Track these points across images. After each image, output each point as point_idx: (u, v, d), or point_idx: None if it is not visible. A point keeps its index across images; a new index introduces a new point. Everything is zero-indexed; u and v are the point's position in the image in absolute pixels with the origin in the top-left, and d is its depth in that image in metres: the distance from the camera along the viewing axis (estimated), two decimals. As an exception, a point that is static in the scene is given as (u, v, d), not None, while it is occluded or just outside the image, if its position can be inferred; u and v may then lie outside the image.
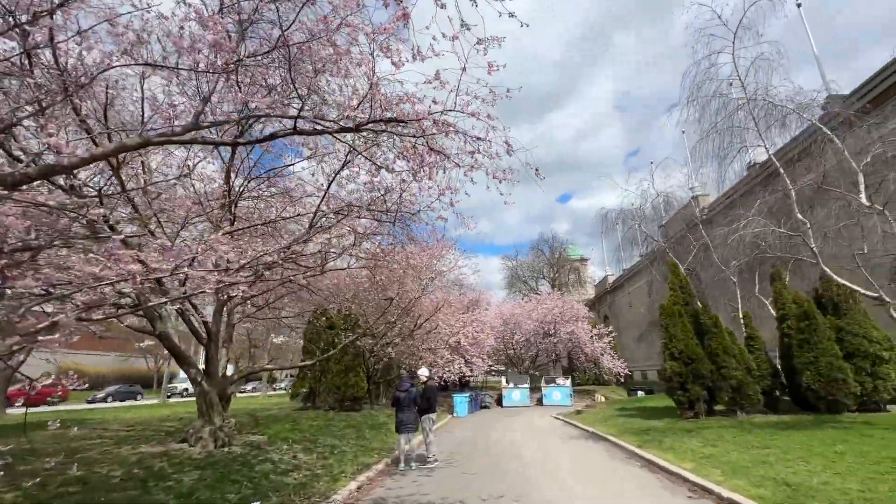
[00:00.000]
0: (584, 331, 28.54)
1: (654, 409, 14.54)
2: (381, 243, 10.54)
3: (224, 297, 7.92)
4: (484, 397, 25.70)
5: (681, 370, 11.74)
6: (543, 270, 45.73)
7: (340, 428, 11.72)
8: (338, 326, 15.70)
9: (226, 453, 7.46)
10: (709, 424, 10.61)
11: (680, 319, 12.32)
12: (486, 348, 25.82)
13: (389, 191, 7.70)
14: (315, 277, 12.93)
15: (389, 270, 11.52)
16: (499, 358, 30.89)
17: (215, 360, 7.96)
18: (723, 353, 11.66)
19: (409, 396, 8.94)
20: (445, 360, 21.76)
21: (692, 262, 18.07)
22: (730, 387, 11.34)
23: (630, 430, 11.48)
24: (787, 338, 11.65)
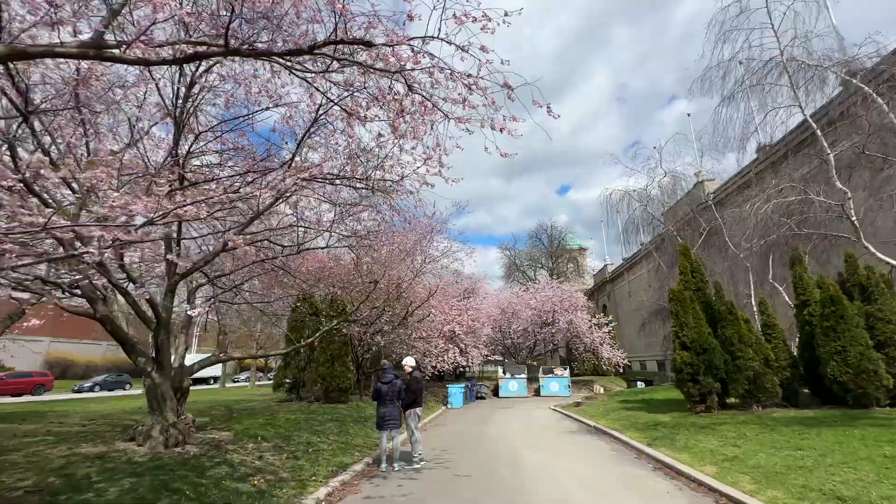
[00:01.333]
0: (583, 320, 27.54)
1: (660, 401, 13.55)
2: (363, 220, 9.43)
3: (175, 277, 6.79)
4: (480, 388, 24.75)
5: (692, 361, 10.69)
6: (542, 260, 44.68)
7: (322, 422, 10.67)
8: (323, 313, 14.61)
9: (177, 455, 6.39)
10: (723, 420, 9.58)
11: (691, 306, 11.24)
12: (482, 338, 24.81)
13: (366, 151, 6.57)
14: (295, 261, 11.85)
15: (374, 251, 10.40)
16: (495, 348, 29.92)
17: (166, 348, 6.85)
18: (738, 342, 10.60)
19: (392, 389, 7.88)
20: (440, 350, 20.78)
21: (698, 249, 17.04)
22: (746, 379, 10.30)
23: (636, 425, 10.47)
24: (809, 326, 10.58)
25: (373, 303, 12.07)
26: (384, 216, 9.14)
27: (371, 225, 9.38)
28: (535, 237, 44.18)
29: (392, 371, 8.13)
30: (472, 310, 23.02)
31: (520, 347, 30.45)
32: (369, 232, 9.15)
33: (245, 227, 7.15)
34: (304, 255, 11.93)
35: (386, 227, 9.43)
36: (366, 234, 9.17)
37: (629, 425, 10.67)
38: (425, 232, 11.65)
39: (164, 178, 5.28)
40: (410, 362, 8.40)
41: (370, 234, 9.17)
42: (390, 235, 9.68)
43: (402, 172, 7.23)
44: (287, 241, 9.35)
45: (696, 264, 12.26)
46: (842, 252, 11.02)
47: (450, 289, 25.08)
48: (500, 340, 30.05)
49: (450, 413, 17.58)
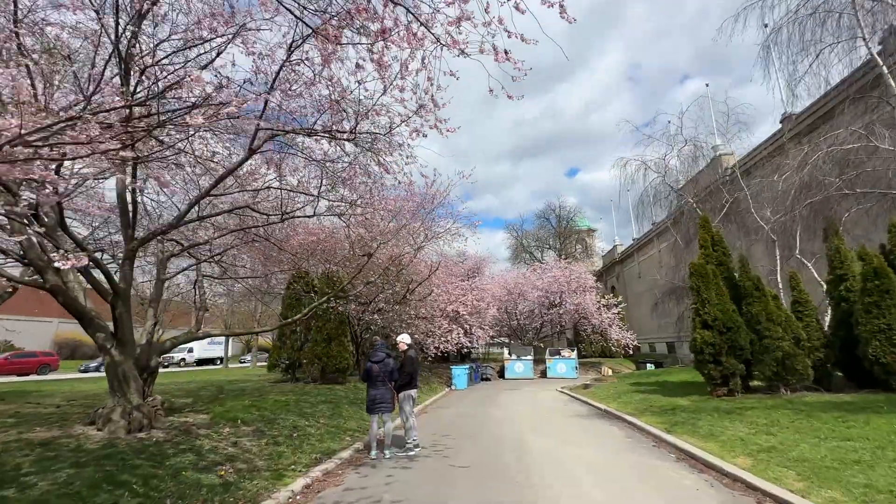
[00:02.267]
0: (592, 301, 26.60)
1: (676, 384, 12.66)
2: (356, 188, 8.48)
3: (133, 243, 5.93)
4: (485, 369, 24.07)
5: (714, 340, 9.74)
6: (549, 241, 43.54)
7: (314, 403, 9.94)
8: (318, 291, 13.82)
9: (136, 441, 5.63)
10: (749, 404, 8.66)
11: (714, 281, 10.24)
12: (487, 318, 24.00)
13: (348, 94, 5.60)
14: (283, 233, 10.98)
15: (367, 220, 9.49)
16: (501, 329, 29.16)
17: (127, 323, 6.04)
18: (766, 320, 9.62)
19: (384, 369, 7.05)
20: (444, 330, 20.02)
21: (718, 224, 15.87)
22: (773, 360, 9.34)
23: (651, 409, 9.60)
24: (845, 302, 9.57)
25: (366, 277, 11.20)
26: (375, 179, 8.19)
27: (363, 191, 8.45)
28: (542, 217, 43.01)
29: (384, 349, 7.29)
30: (476, 290, 22.17)
31: (526, 329, 29.66)
32: (360, 197, 8.22)
33: (215, 185, 6.26)
34: (293, 227, 11.10)
35: (379, 194, 8.47)
36: (356, 199, 8.24)
37: (644, 409, 9.81)
38: (424, 202, 10.68)
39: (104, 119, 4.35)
40: (406, 339, 7.55)
41: (361, 200, 8.23)
42: (384, 203, 8.74)
43: (390, 122, 6.29)
44: (272, 210, 8.49)
45: (718, 237, 11.19)
46: (887, 221, 9.90)
47: (454, 268, 24.23)
48: (506, 321, 29.26)
49: (453, 395, 16.88)
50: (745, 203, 13.01)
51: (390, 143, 6.75)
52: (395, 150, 6.79)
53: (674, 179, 14.67)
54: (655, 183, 14.99)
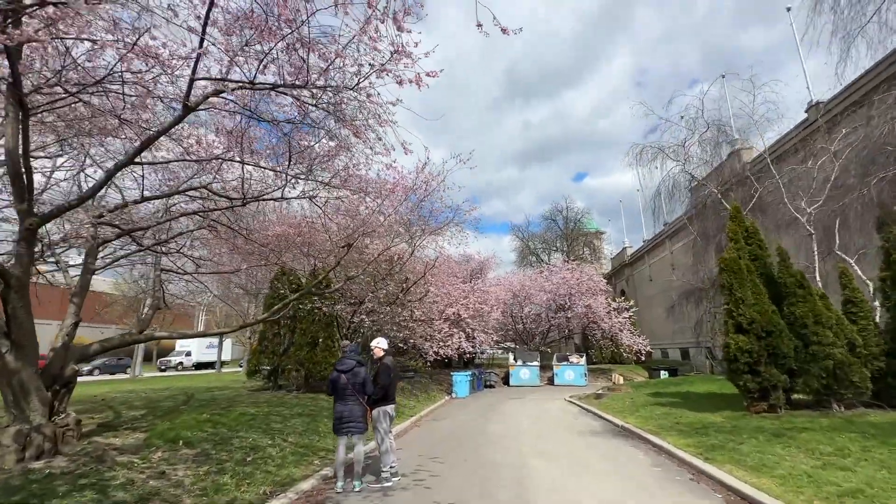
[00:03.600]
0: (602, 304, 25.01)
1: (701, 396, 11.11)
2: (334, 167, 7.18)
3: (32, 220, 4.64)
4: (489, 376, 22.58)
5: (751, 347, 8.23)
6: (556, 243, 41.95)
7: (287, 417, 8.58)
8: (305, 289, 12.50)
9: (22, 473, 4.31)
10: (799, 423, 7.15)
11: (749, 277, 8.74)
12: (490, 322, 22.55)
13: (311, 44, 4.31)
14: (259, 223, 9.70)
15: (347, 207, 8.16)
16: (506, 333, 27.64)
17: (24, 321, 4.73)
18: (814, 323, 8.10)
19: (354, 380, 5.67)
20: (444, 334, 18.62)
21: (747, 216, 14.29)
22: (823, 370, 7.82)
23: (678, 427, 8.10)
24: (909, 302, 8.03)
25: (347, 272, 9.84)
26: (352, 155, 6.86)
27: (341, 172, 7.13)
28: (549, 219, 41.40)
29: (355, 355, 5.91)
30: (479, 292, 20.74)
31: (532, 333, 28.11)
32: (333, 176, 6.89)
33: (140, 150, 4.96)
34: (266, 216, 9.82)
35: (357, 173, 7.12)
36: (329, 179, 6.93)
37: (669, 427, 8.31)
38: (415, 187, 9.32)
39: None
40: (381, 344, 6.17)
41: (335, 181, 6.91)
42: (363, 185, 7.40)
43: (360, 72, 4.97)
44: (233, 193, 7.20)
45: (753, 228, 9.69)
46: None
47: (456, 268, 22.85)
48: (511, 325, 27.75)
49: (452, 404, 15.44)
50: (775, 194, 11.50)
51: (360, 103, 5.43)
52: (368, 111, 5.48)
53: (694, 168, 13.21)
54: (674, 173, 13.53)
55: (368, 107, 5.46)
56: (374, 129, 5.71)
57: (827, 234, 11.46)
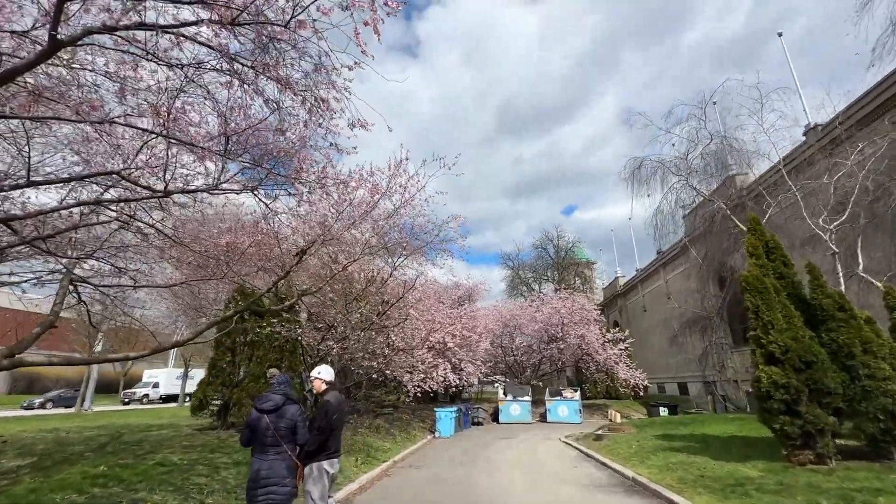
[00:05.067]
0: (595, 335, 23.41)
1: (721, 440, 9.44)
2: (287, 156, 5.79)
3: None
4: (477, 412, 20.59)
5: (788, 381, 6.72)
6: (547, 272, 40.61)
7: (219, 467, 6.75)
8: (268, 310, 10.82)
9: None
10: (864, 479, 5.57)
11: (778, 298, 7.34)
12: (479, 352, 20.78)
13: None
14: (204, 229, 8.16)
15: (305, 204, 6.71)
16: (495, 365, 25.75)
17: None
18: (862, 352, 6.66)
19: (279, 422, 4.02)
20: (428, 365, 16.83)
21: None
22: (881, 409, 6.31)
23: (703, 483, 6.44)
24: (972, 328, 6.65)
25: (295, 286, 8.23)
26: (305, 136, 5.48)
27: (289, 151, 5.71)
28: (540, 248, 40.19)
29: (285, 388, 4.28)
30: (466, 317, 19.10)
31: (523, 366, 26.25)
32: (282, 155, 5.47)
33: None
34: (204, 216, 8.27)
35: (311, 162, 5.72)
36: (274, 163, 5.51)
37: (692, 481, 6.64)
38: (389, 190, 7.92)
39: None
40: (324, 374, 4.55)
41: (283, 158, 5.49)
42: (321, 176, 5.99)
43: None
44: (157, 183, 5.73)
45: (774, 242, 8.37)
46: None
47: (443, 294, 21.27)
48: (501, 357, 25.90)
49: (434, 445, 13.51)
50: (789, 210, 10.32)
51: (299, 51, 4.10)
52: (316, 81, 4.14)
53: (698, 182, 11.99)
54: (676, 188, 12.33)
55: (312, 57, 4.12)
56: (316, 89, 4.36)
57: (847, 254, 10.23)
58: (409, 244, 11.78)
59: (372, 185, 7.13)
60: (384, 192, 7.72)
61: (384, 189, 7.76)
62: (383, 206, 8.55)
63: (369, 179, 7.15)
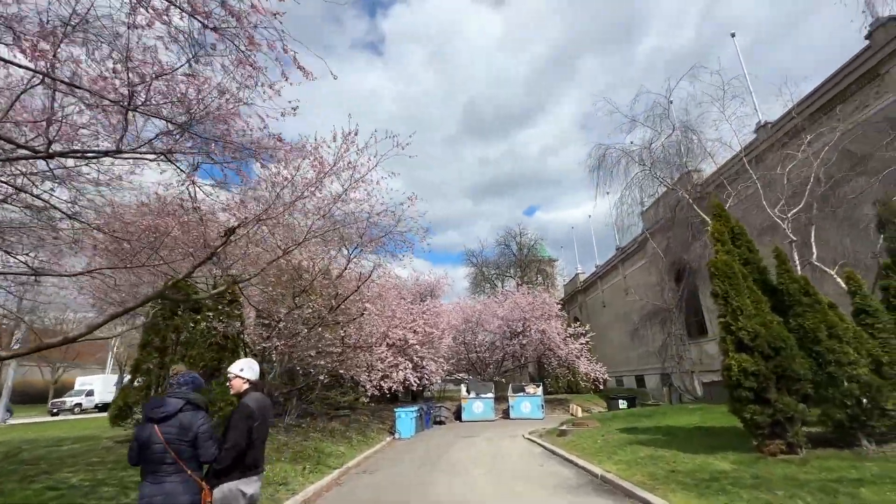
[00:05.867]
0: (557, 329, 23.31)
1: (687, 431, 9.19)
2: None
3: None
4: (439, 411, 19.84)
5: (758, 368, 6.43)
6: (510, 270, 40.55)
7: (131, 487, 5.64)
8: (205, 307, 9.61)
9: None
10: (839, 468, 5.30)
11: (746, 284, 7.07)
12: (441, 349, 20.11)
13: None
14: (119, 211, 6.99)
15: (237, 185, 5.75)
16: (458, 363, 25.17)
17: None
18: (828, 337, 6.46)
19: (177, 436, 3.10)
20: (388, 364, 15.98)
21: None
22: (848, 395, 6.11)
23: (676, 478, 6.02)
24: (931, 311, 6.60)
25: (221, 264, 7.14)
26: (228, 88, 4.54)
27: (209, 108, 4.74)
28: (503, 245, 40.08)
29: (187, 390, 3.36)
30: (428, 313, 18.35)
31: (486, 362, 25.80)
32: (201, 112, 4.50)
33: None
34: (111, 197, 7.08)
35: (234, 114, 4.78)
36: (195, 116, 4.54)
37: (664, 476, 6.21)
38: (338, 166, 7.03)
39: None
40: (243, 371, 3.66)
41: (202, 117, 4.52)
42: (252, 143, 5.05)
43: None
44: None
45: (740, 228, 8.17)
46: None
47: (403, 290, 20.43)
48: (464, 354, 25.33)
49: (393, 447, 12.66)
50: (751, 199, 10.28)
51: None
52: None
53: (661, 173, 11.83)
54: (640, 178, 12.16)
55: None
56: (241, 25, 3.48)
57: (801, 243, 10.31)
58: (367, 233, 10.90)
59: (316, 158, 6.21)
60: (331, 168, 6.82)
61: (330, 166, 6.86)
62: (332, 188, 7.66)
63: (313, 153, 6.24)
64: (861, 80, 12.47)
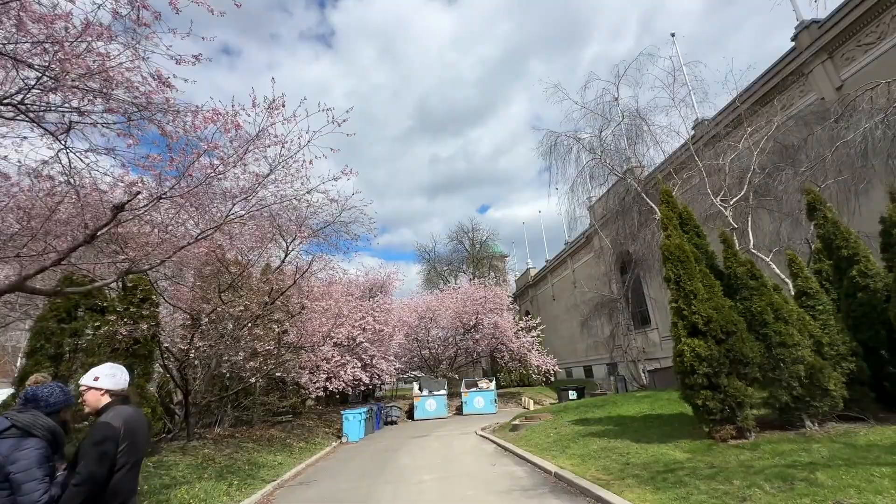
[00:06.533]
0: (509, 322, 23.22)
1: (637, 420, 9.05)
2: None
3: None
4: (390, 410, 19.03)
5: (709, 353, 6.27)
6: (463, 266, 40.31)
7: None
8: (111, 308, 8.23)
9: None
10: (791, 452, 5.16)
11: (699, 267, 6.93)
12: (392, 347, 19.31)
13: None
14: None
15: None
16: (411, 360, 24.47)
17: None
18: (774, 319, 6.42)
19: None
20: (335, 363, 14.94)
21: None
22: (794, 377, 6.08)
23: (631, 472, 5.70)
24: (864, 292, 6.74)
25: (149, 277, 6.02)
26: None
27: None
28: (456, 241, 39.77)
29: (28, 408, 2.45)
30: (378, 310, 17.48)
31: (439, 358, 25.27)
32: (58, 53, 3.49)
33: None
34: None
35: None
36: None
37: (619, 470, 5.88)
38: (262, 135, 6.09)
39: None
40: (104, 382, 2.76)
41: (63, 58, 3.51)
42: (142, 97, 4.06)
43: None
44: None
45: (688, 214, 8.09)
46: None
47: (352, 283, 19.41)
48: (417, 351, 24.65)
49: (339, 452, 11.76)
50: (696, 188, 10.39)
51: None
52: None
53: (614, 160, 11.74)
54: (591, 166, 12.02)
55: None
56: None
57: (742, 232, 10.56)
58: (306, 223, 9.94)
59: (227, 124, 5.24)
60: (252, 139, 5.86)
61: (252, 138, 5.89)
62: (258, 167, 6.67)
63: (228, 118, 5.27)
64: (787, 80, 13.13)
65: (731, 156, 10.68)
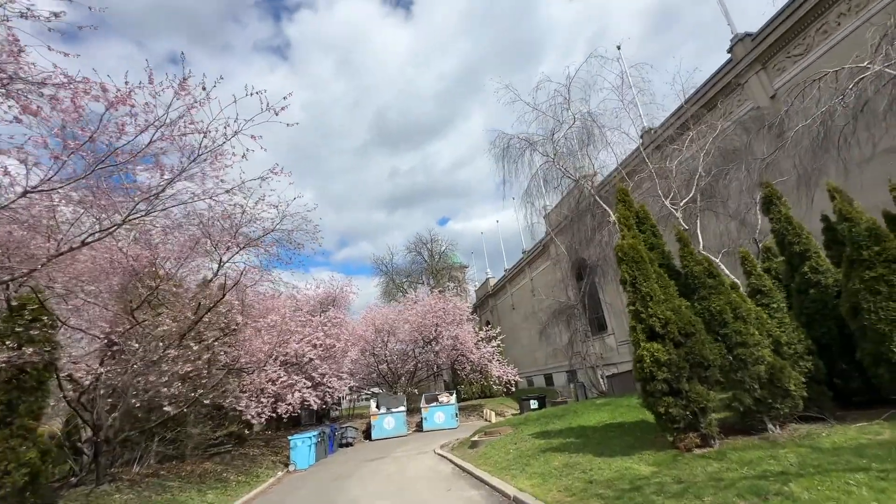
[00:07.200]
0: (469, 333, 22.61)
1: (598, 431, 8.60)
2: None
3: None
4: (346, 431, 17.79)
5: (669, 358, 5.90)
6: (422, 277, 39.53)
7: None
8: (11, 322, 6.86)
9: None
10: (759, 459, 4.80)
11: (654, 268, 6.61)
12: (345, 364, 18.16)
13: None
14: None
15: None
16: (368, 377, 23.27)
17: None
18: (734, 319, 6.16)
19: None
20: (281, 384, 13.66)
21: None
22: (755, 379, 5.80)
23: (594, 492, 5.15)
24: (815, 288, 6.67)
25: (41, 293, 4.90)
26: None
27: None
28: (415, 252, 38.99)
29: None
30: (330, 324, 16.36)
31: (398, 373, 24.20)
32: None
33: None
34: None
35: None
36: None
37: (581, 490, 5.32)
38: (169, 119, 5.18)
39: None
40: None
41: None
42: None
43: None
44: None
45: (644, 213, 7.86)
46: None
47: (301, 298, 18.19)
48: (374, 366, 23.49)
49: (283, 484, 10.57)
50: (648, 191, 10.32)
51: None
52: None
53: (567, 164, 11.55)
54: (545, 169, 11.76)
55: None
56: None
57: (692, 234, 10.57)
58: (241, 231, 8.99)
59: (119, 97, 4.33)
60: (161, 122, 4.95)
61: (163, 121, 4.98)
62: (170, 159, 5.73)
63: (120, 95, 4.36)
64: (726, 89, 13.60)
65: (678, 158, 10.75)
